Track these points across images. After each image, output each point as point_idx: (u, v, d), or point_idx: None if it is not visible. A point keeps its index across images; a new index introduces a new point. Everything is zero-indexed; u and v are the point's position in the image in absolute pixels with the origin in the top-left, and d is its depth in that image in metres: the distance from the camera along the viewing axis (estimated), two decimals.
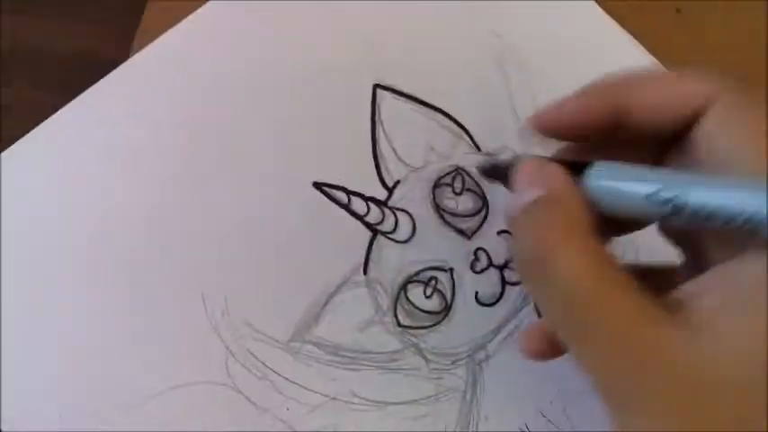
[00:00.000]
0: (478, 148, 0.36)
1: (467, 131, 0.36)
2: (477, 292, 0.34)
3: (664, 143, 0.24)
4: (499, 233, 0.35)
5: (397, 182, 0.35)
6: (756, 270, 0.20)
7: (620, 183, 0.22)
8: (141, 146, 0.34)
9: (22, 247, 0.33)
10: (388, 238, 0.34)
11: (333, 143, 0.35)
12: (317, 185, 0.34)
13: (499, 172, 0.27)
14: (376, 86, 0.36)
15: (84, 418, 0.31)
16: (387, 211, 0.34)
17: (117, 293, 0.32)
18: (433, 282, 0.34)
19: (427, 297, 0.34)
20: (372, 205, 0.34)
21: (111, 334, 0.32)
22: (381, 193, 0.35)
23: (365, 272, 0.34)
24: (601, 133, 0.24)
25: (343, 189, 0.34)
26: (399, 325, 0.33)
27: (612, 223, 0.23)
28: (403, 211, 0.35)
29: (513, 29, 0.38)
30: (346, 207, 0.34)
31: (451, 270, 0.34)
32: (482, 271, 0.34)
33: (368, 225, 0.34)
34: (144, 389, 0.31)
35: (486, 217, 0.35)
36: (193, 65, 0.36)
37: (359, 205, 0.34)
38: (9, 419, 0.31)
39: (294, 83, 0.36)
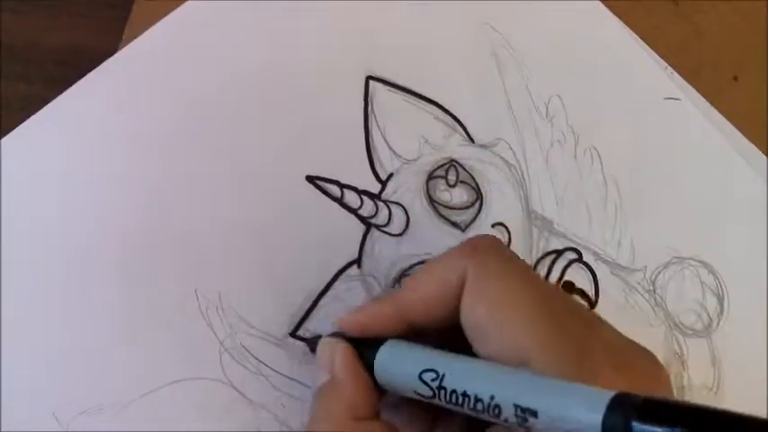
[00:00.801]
0: (472, 140, 0.36)
1: (460, 123, 0.36)
2: None
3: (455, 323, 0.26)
4: (493, 225, 0.35)
5: (391, 174, 0.35)
6: None
7: (396, 360, 0.26)
8: (131, 140, 0.34)
9: (12, 243, 0.32)
10: (382, 232, 0.34)
11: (325, 136, 0.35)
12: (310, 179, 0.34)
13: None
14: (368, 78, 0.36)
15: (76, 414, 0.30)
16: (380, 204, 0.34)
17: (109, 290, 0.32)
18: None
19: None
20: (366, 198, 0.34)
21: (103, 330, 0.31)
22: (375, 186, 0.34)
23: (359, 265, 0.33)
24: (399, 331, 0.27)
25: (336, 182, 0.34)
26: None
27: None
28: (396, 204, 0.34)
29: (507, 19, 0.37)
30: (339, 201, 0.34)
31: None
32: None
33: (361, 218, 0.34)
34: (138, 385, 0.31)
35: (480, 209, 0.35)
36: (182, 58, 0.35)
37: (352, 198, 0.34)
38: (9, 419, 0.30)
39: (285, 75, 0.35)
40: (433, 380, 0.24)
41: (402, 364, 0.25)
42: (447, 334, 0.26)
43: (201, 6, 0.36)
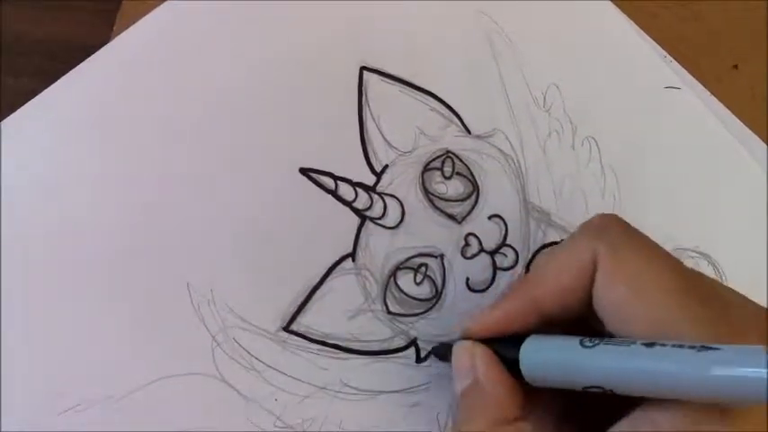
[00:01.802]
0: (468, 131, 0.35)
1: (456, 114, 0.35)
2: (467, 278, 0.33)
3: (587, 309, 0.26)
4: (490, 218, 0.34)
5: (386, 166, 0.34)
6: (667, 417, 0.22)
7: (546, 354, 0.25)
8: (121, 135, 0.33)
9: (3, 240, 0.32)
10: (377, 224, 0.33)
11: (319, 128, 0.34)
12: (304, 171, 0.33)
13: (447, 354, 0.29)
14: (362, 69, 0.35)
15: (68, 409, 0.30)
16: (375, 196, 0.34)
17: (100, 286, 0.31)
18: (423, 268, 0.33)
19: (417, 284, 0.33)
20: (360, 191, 0.34)
21: (94, 326, 0.31)
22: (369, 179, 0.34)
23: (353, 259, 0.33)
24: (533, 326, 0.26)
25: (331, 174, 0.34)
26: (389, 312, 0.33)
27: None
28: (391, 196, 0.34)
29: (503, 7, 0.37)
30: (333, 193, 0.33)
31: (442, 256, 0.33)
32: (473, 256, 0.33)
33: (356, 211, 0.33)
34: (129, 381, 0.31)
35: (476, 201, 0.34)
36: (173, 52, 0.35)
37: (346, 191, 0.34)
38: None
39: (277, 67, 0.35)
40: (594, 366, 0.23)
41: (554, 357, 0.25)
42: (572, 322, 0.26)
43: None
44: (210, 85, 0.34)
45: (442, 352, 0.31)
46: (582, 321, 0.26)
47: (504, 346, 0.26)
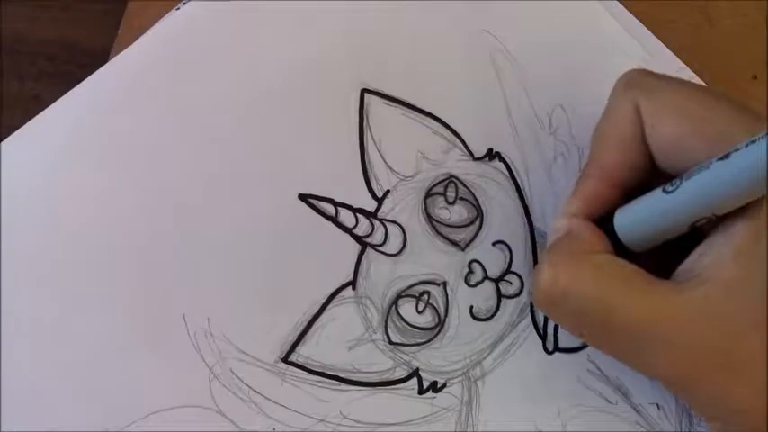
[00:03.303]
0: (472, 155, 0.34)
1: (459, 137, 0.34)
2: (471, 307, 0.32)
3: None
4: (494, 244, 0.33)
5: (387, 192, 0.33)
6: (746, 225, 0.24)
7: (638, 215, 0.26)
8: (116, 160, 0.33)
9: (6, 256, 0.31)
10: (378, 252, 0.33)
11: (318, 152, 0.33)
12: (303, 197, 0.33)
13: None
14: (363, 91, 0.34)
15: None
16: (376, 222, 0.33)
17: (93, 315, 0.31)
18: (426, 296, 0.32)
19: (419, 312, 0.32)
20: (361, 217, 0.33)
21: (87, 356, 0.30)
22: (370, 204, 0.33)
23: (354, 287, 0.32)
24: (612, 201, 0.28)
25: (330, 201, 0.33)
26: (390, 342, 0.32)
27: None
28: (393, 222, 0.33)
29: (506, 26, 0.36)
30: (333, 219, 0.33)
31: (445, 284, 0.32)
32: (477, 284, 0.33)
33: (356, 238, 0.33)
34: (124, 414, 0.30)
35: (480, 227, 0.33)
36: (172, 73, 0.34)
37: (347, 217, 0.33)
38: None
39: (277, 89, 0.34)
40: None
41: (647, 212, 0.26)
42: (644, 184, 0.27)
43: (195, 19, 0.35)
44: (207, 110, 0.34)
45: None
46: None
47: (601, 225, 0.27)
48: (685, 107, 0.26)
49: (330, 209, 0.33)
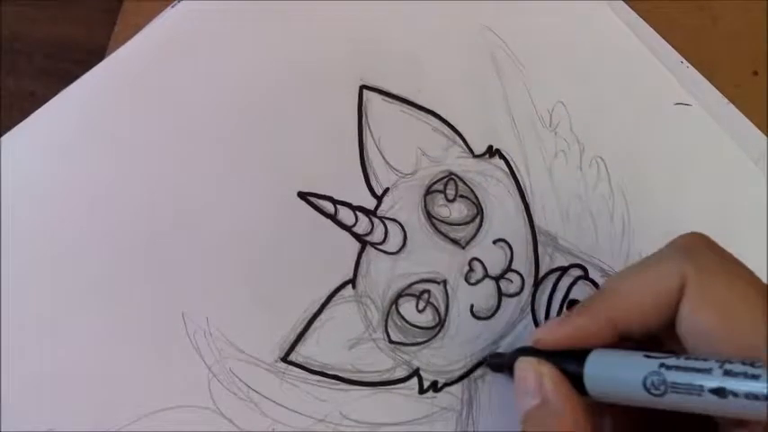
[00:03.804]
0: (472, 152, 0.34)
1: (459, 134, 0.34)
2: (472, 305, 0.32)
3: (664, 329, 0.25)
4: (495, 242, 0.33)
5: (387, 189, 0.33)
6: None
7: (612, 370, 0.24)
8: (115, 159, 0.32)
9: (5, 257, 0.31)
10: (378, 250, 0.32)
11: (317, 150, 0.33)
12: (302, 195, 0.33)
13: (503, 365, 0.30)
14: (362, 88, 0.34)
15: None
16: (376, 220, 0.33)
17: (93, 315, 0.31)
18: (426, 295, 0.32)
19: (420, 311, 0.32)
20: (360, 215, 0.33)
21: (87, 357, 0.30)
22: (370, 202, 0.33)
23: (354, 286, 0.32)
24: (607, 341, 0.26)
25: (330, 199, 0.33)
26: (391, 341, 0.32)
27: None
28: (393, 220, 0.33)
29: (507, 22, 0.36)
30: (333, 217, 0.32)
31: (445, 282, 0.32)
32: (477, 282, 0.32)
33: (356, 236, 0.32)
34: (122, 414, 0.30)
35: (480, 225, 0.33)
36: (170, 70, 0.34)
37: (346, 215, 0.33)
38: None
39: (275, 86, 0.34)
40: (660, 382, 0.23)
41: (621, 372, 0.24)
42: (643, 338, 0.26)
43: (191, 16, 0.34)
44: (204, 106, 0.33)
45: (497, 362, 0.31)
46: (653, 336, 0.26)
47: (568, 360, 0.26)
48: (732, 304, 0.24)
49: (329, 207, 0.32)
